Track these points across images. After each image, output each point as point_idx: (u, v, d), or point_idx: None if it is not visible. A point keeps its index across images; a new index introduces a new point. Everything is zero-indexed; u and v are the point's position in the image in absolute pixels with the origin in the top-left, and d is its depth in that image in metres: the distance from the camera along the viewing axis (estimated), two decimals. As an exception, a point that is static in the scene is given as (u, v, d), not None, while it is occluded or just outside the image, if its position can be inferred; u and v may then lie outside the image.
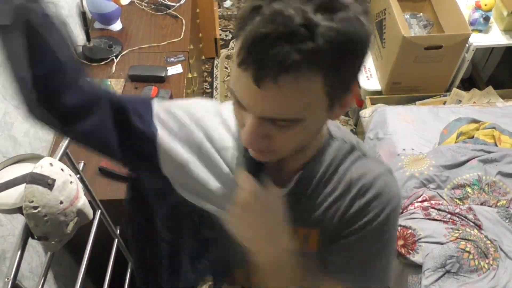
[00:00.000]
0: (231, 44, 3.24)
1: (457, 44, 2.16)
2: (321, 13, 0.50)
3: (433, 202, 1.70)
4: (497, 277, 1.50)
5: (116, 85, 1.75)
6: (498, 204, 1.71)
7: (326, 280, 0.73)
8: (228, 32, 3.34)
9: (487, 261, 1.53)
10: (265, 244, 0.67)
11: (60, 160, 1.02)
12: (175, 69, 1.82)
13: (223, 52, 3.18)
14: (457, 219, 1.64)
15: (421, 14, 2.53)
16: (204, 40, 2.88)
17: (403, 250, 1.61)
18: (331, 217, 0.72)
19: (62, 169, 0.95)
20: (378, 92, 2.45)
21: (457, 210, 1.66)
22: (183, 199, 0.75)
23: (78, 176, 1.16)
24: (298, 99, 0.53)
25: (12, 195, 0.92)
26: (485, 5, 2.19)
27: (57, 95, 0.63)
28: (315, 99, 0.55)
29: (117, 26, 1.99)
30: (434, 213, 1.66)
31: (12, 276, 0.89)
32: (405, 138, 2.00)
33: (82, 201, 1.03)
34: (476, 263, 1.52)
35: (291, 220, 0.67)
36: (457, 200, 1.72)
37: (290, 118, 0.56)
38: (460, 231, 1.58)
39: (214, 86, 2.96)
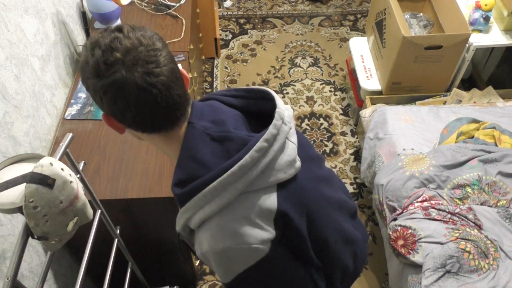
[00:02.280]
0: (231, 44, 3.24)
1: (457, 44, 2.15)
2: None
3: (433, 202, 1.70)
4: (497, 277, 1.50)
5: (116, 85, 1.74)
6: (498, 204, 1.71)
7: None
8: (228, 32, 3.34)
9: (487, 261, 1.53)
10: None
11: (60, 159, 1.02)
12: (175, 69, 1.82)
13: (223, 52, 3.18)
14: (457, 219, 1.64)
15: (421, 14, 2.53)
16: (204, 40, 2.88)
17: (403, 250, 1.61)
18: None
19: (62, 169, 0.95)
20: (378, 92, 2.45)
21: (457, 210, 1.66)
22: None
23: (78, 176, 1.16)
24: None
25: (12, 195, 0.91)
26: (485, 5, 2.19)
27: None
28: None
29: (117, 26, 1.99)
30: (434, 213, 1.66)
31: (12, 276, 0.89)
32: (405, 138, 2.00)
33: (82, 201, 1.03)
34: (476, 263, 1.52)
35: None
36: (457, 200, 1.72)
37: None
38: (460, 231, 1.58)
39: (214, 86, 2.96)
